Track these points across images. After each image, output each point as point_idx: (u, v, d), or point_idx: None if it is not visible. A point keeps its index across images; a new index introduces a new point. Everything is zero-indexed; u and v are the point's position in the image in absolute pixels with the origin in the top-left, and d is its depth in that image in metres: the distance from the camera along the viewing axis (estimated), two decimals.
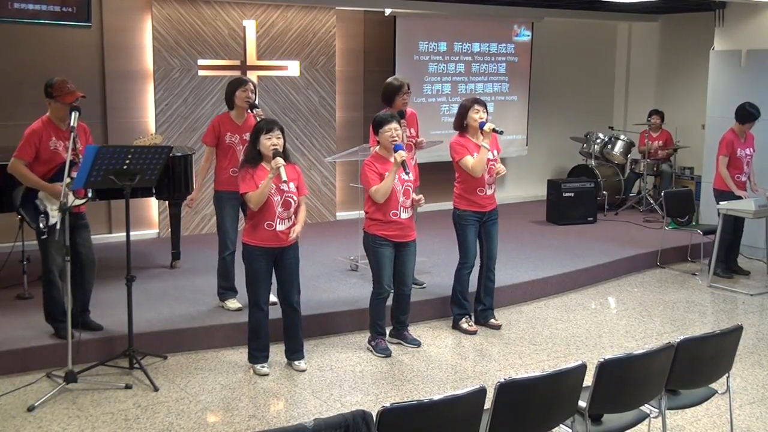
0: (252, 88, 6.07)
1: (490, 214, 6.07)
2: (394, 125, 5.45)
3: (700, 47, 10.13)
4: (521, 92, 10.88)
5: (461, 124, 5.94)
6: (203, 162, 6.18)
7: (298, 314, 5.35)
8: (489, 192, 5.99)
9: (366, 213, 5.61)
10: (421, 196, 5.61)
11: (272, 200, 5.03)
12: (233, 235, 6.08)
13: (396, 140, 5.43)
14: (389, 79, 6.57)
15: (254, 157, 5.07)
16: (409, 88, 6.46)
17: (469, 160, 5.83)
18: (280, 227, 5.09)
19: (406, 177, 5.47)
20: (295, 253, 5.24)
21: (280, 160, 4.95)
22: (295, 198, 5.14)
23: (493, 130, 5.81)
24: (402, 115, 6.27)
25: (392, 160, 5.46)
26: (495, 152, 5.97)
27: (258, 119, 5.65)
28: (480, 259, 6.19)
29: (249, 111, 6.07)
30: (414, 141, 6.54)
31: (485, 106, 5.91)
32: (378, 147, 5.56)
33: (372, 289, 5.70)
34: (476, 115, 5.83)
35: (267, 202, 5.01)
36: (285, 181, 4.99)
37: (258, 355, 5.33)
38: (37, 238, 5.32)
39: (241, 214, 6.05)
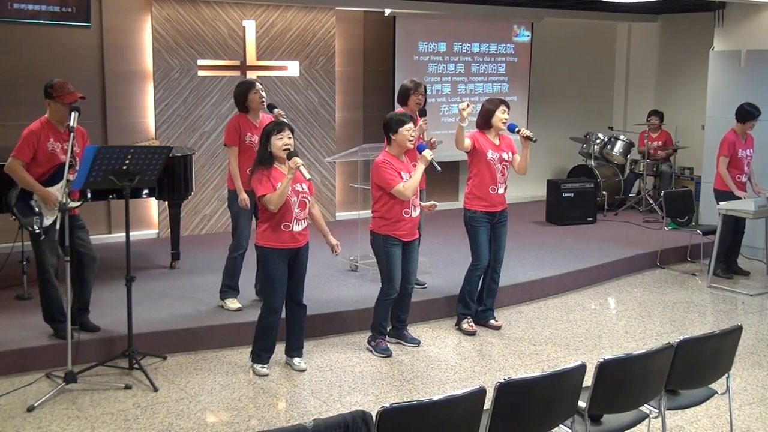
0: (261, 87, 6.09)
1: (500, 215, 6.11)
2: (411, 124, 5.53)
3: (699, 47, 10.12)
4: (521, 92, 10.88)
5: (487, 122, 6.03)
6: (234, 162, 5.99)
7: (305, 311, 5.39)
8: (500, 191, 6.05)
9: (375, 212, 5.58)
10: (434, 203, 5.77)
11: (289, 201, 5.03)
12: (247, 234, 6.09)
13: (413, 140, 5.52)
14: (405, 81, 6.62)
15: (267, 158, 5.05)
16: (425, 90, 6.48)
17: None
18: (297, 228, 5.10)
19: (436, 171, 5.58)
20: (307, 252, 5.27)
21: (298, 160, 4.95)
22: (310, 198, 5.16)
23: (527, 138, 5.97)
24: (423, 113, 6.38)
25: (403, 159, 5.58)
26: (509, 153, 6.13)
27: (282, 118, 5.71)
28: None
29: (270, 112, 6.09)
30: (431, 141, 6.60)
31: (509, 108, 6.12)
32: (389, 146, 5.57)
33: (381, 289, 5.68)
34: (503, 115, 6.00)
35: (284, 204, 5.00)
36: (310, 179, 5.05)
37: (263, 356, 5.33)
38: (31, 239, 5.32)
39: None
